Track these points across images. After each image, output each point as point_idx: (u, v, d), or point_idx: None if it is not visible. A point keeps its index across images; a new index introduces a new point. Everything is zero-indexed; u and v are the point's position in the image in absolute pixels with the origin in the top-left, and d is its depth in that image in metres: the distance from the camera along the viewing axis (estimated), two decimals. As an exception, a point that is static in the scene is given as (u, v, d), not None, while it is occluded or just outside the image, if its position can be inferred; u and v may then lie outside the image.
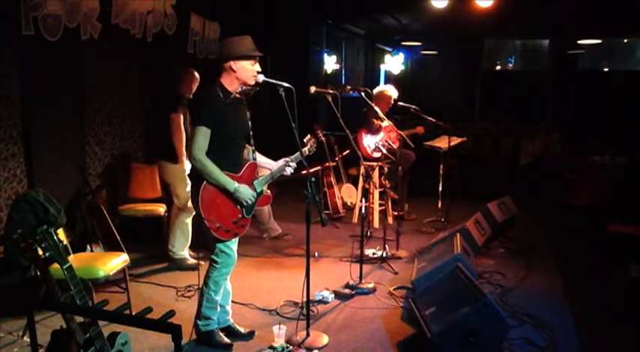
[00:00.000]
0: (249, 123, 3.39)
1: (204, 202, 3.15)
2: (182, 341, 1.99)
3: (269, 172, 3.52)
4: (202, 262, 4.46)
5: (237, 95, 3.31)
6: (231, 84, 3.25)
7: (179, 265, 4.86)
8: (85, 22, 4.69)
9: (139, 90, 5.81)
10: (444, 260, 4.28)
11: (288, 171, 3.54)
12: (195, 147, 3.13)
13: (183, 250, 4.91)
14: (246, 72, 3.22)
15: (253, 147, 3.45)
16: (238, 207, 3.28)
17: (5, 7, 3.98)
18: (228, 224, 3.24)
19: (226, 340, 3.45)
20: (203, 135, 3.13)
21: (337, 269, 4.91)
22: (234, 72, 3.21)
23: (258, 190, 3.39)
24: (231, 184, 3.18)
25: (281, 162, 3.54)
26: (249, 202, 3.29)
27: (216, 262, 3.37)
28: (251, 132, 3.41)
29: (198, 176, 3.18)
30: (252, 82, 3.28)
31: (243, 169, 3.33)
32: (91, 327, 2.47)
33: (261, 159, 3.56)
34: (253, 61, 3.24)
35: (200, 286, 3.45)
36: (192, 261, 4.89)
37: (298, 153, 3.53)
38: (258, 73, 3.27)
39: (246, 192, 3.24)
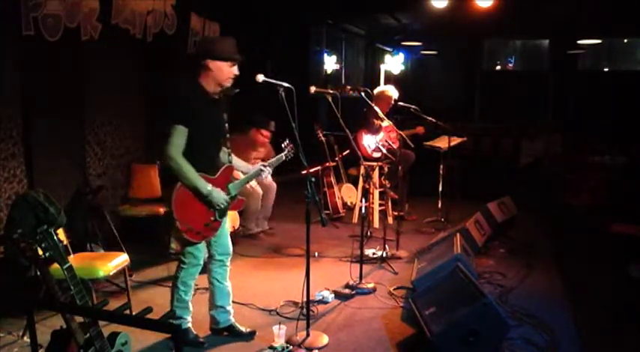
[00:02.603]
0: (227, 125, 3.34)
1: (177, 203, 3.11)
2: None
3: (244, 176, 3.50)
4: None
5: (215, 96, 3.22)
6: (208, 84, 3.17)
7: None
8: (85, 22, 4.69)
9: (139, 90, 5.81)
10: (444, 260, 4.27)
11: (264, 175, 3.52)
12: (171, 146, 3.05)
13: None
14: (223, 73, 3.14)
15: (229, 150, 3.40)
16: (211, 209, 3.24)
17: (5, 7, 3.99)
18: (199, 226, 3.21)
19: (200, 339, 3.46)
20: (180, 133, 3.06)
21: (337, 269, 4.90)
22: (211, 71, 3.14)
23: (232, 194, 3.34)
24: (205, 187, 3.13)
25: (257, 166, 3.51)
26: (222, 206, 3.24)
27: (183, 263, 3.34)
28: (228, 135, 3.36)
29: (172, 176, 3.11)
30: (228, 84, 3.20)
31: (219, 172, 3.29)
32: (91, 327, 2.47)
33: (237, 162, 3.52)
34: (231, 63, 3.16)
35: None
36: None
37: (275, 158, 3.53)
38: (236, 75, 3.19)
39: (218, 197, 3.19)
